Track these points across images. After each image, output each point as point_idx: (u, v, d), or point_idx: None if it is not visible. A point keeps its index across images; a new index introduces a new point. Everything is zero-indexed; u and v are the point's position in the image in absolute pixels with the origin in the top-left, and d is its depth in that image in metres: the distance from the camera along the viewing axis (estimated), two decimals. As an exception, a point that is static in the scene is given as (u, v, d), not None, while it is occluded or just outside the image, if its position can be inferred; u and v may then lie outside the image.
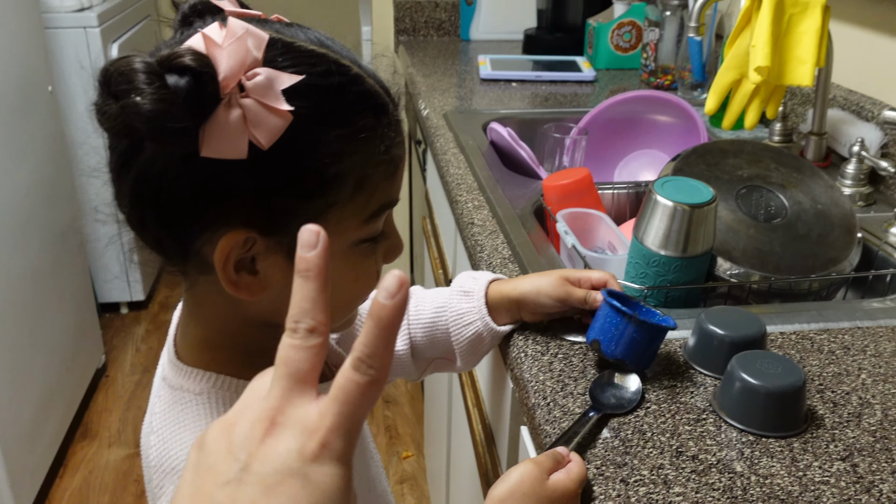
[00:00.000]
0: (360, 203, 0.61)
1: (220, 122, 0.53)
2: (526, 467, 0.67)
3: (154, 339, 2.89)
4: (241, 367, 0.66)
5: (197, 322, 0.67)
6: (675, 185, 0.96)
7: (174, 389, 0.65)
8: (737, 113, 1.30)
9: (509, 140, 1.43)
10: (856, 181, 1.23)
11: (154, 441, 0.63)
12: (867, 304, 0.94)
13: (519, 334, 0.88)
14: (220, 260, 0.58)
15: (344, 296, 0.67)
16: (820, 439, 0.72)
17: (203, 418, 0.62)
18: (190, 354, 0.67)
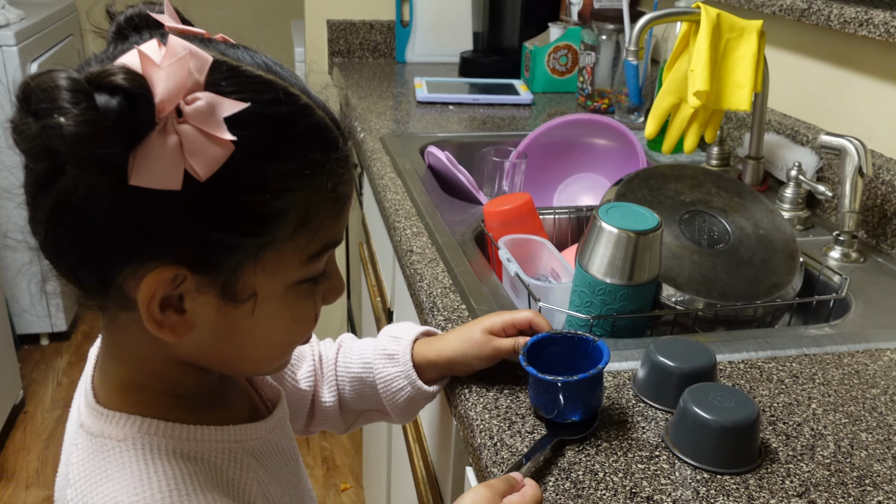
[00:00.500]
0: (301, 242, 0.57)
1: (154, 148, 0.48)
2: (477, 491, 0.64)
3: (77, 372, 2.75)
4: (168, 409, 0.60)
5: (117, 361, 0.61)
6: (620, 211, 0.94)
7: (93, 437, 0.59)
8: (676, 137, 1.29)
9: (448, 164, 1.39)
10: (794, 205, 1.24)
11: (71, 495, 0.57)
12: (813, 330, 0.93)
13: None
14: (145, 298, 0.53)
15: (280, 339, 0.62)
16: (775, 475, 0.69)
17: (128, 467, 0.57)
18: (110, 397, 0.61)
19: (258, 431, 0.66)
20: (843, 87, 1.31)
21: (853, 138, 1.12)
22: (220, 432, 0.62)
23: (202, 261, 0.53)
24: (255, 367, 0.65)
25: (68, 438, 0.63)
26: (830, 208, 1.28)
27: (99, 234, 0.51)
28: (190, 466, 0.58)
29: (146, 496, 0.55)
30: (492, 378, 0.82)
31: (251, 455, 0.64)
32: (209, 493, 0.57)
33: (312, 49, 2.42)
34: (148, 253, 0.52)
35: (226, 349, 0.60)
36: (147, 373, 0.61)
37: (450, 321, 0.94)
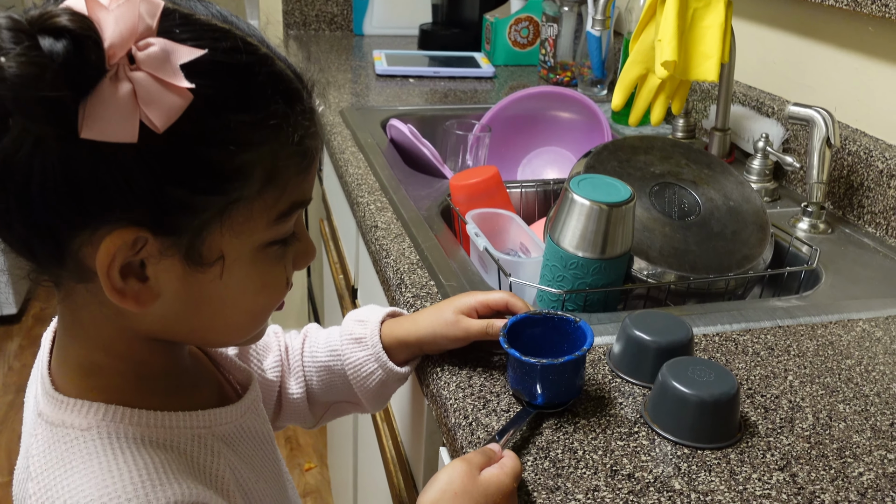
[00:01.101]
0: (269, 200, 0.53)
1: (105, 97, 0.44)
2: (454, 465, 0.62)
3: (28, 356, 2.67)
4: (132, 394, 0.57)
5: (76, 342, 0.57)
6: (592, 182, 0.92)
7: (54, 426, 0.55)
8: (643, 108, 1.28)
9: (411, 138, 1.36)
10: (761, 177, 1.23)
11: (33, 489, 0.53)
12: (785, 301, 0.93)
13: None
14: (104, 264, 0.49)
15: (251, 306, 0.58)
16: (756, 448, 0.68)
17: (94, 457, 0.53)
18: (70, 383, 0.57)
19: (229, 416, 0.63)
20: (809, 58, 1.30)
21: (821, 109, 1.11)
22: (188, 418, 0.59)
23: (164, 222, 0.50)
24: (226, 336, 0.61)
25: (27, 429, 0.59)
26: (797, 179, 1.28)
27: (49, 195, 0.47)
28: (160, 454, 0.55)
29: (116, 488, 0.51)
30: (464, 356, 0.80)
31: (221, 441, 0.61)
32: (182, 481, 0.54)
33: (267, 21, 2.35)
34: (104, 215, 0.48)
35: (194, 318, 0.56)
36: (109, 353, 0.57)
37: (418, 298, 0.92)
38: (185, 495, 0.53)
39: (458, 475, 0.61)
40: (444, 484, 0.60)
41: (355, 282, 1.41)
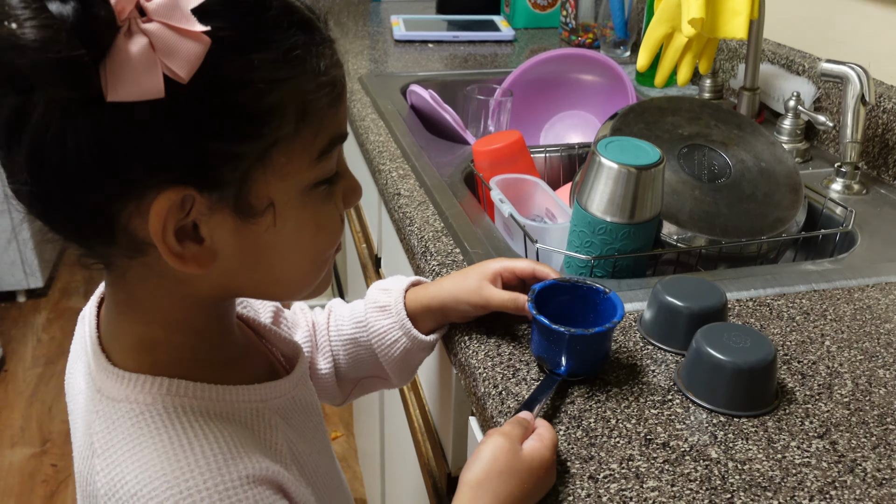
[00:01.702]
0: (307, 138, 0.52)
1: (123, 55, 0.43)
2: (495, 442, 0.60)
3: (56, 329, 2.70)
4: (190, 367, 0.56)
5: (132, 318, 0.56)
6: (620, 145, 0.89)
7: (116, 402, 0.54)
8: (669, 68, 1.24)
9: (432, 103, 1.34)
10: (792, 137, 1.20)
11: (100, 465, 0.53)
12: (820, 265, 0.90)
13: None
14: (157, 231, 0.48)
15: (310, 250, 0.57)
16: (794, 416, 0.67)
17: (161, 433, 0.52)
18: (128, 358, 0.56)
19: (282, 388, 0.62)
20: (840, 13, 1.26)
21: (855, 65, 1.08)
22: (246, 391, 0.58)
23: (206, 176, 0.48)
24: (292, 286, 0.60)
25: (85, 405, 0.58)
26: (829, 139, 1.24)
27: (87, 169, 0.46)
28: (227, 428, 0.54)
29: (189, 461, 0.51)
30: (492, 325, 0.78)
31: (276, 414, 0.60)
32: (252, 454, 0.53)
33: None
34: (146, 180, 0.47)
35: (255, 272, 0.55)
36: (166, 326, 0.56)
37: (444, 265, 0.90)
38: (256, 469, 0.53)
39: (501, 452, 0.60)
40: (488, 462, 0.59)
41: (378, 250, 1.40)
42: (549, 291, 0.73)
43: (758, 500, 0.58)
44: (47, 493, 2.06)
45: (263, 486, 0.53)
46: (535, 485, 0.59)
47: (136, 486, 0.51)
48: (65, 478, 2.10)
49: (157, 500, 0.50)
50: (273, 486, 0.54)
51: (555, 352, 0.70)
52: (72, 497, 2.04)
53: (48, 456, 2.17)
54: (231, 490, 0.51)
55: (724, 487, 0.59)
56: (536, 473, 0.59)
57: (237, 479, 0.51)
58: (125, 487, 0.51)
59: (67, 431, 2.34)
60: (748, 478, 0.60)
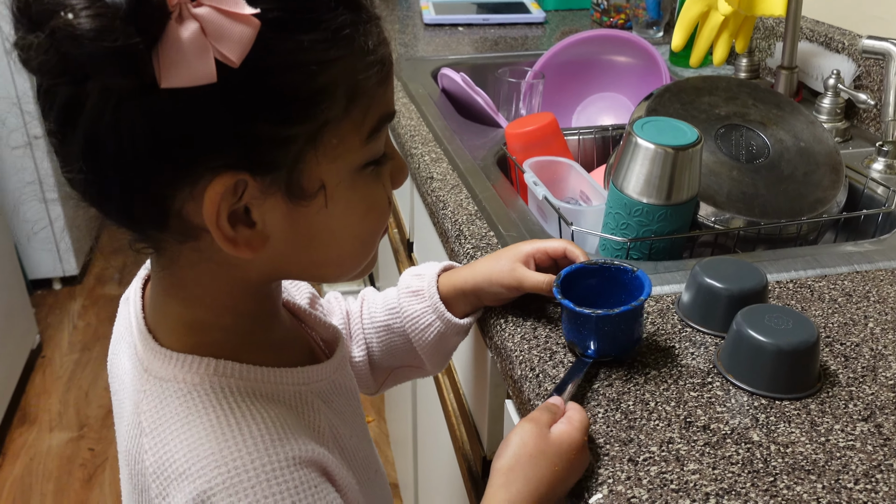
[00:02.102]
0: (356, 118, 0.52)
1: (175, 40, 0.43)
2: (524, 428, 0.60)
3: (91, 315, 2.74)
4: (237, 349, 0.57)
5: (179, 301, 0.57)
6: (656, 126, 0.88)
7: (164, 381, 0.55)
8: (705, 48, 1.23)
9: (464, 86, 1.33)
10: (832, 116, 1.17)
11: (148, 444, 0.53)
12: (861, 246, 0.88)
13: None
14: (212, 215, 0.49)
15: (359, 231, 0.57)
16: (837, 398, 0.66)
17: (209, 412, 0.53)
18: (175, 339, 0.57)
19: (324, 372, 0.62)
20: (882, -12, 1.23)
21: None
22: (290, 374, 0.58)
23: (259, 160, 0.49)
24: (340, 268, 0.59)
25: (132, 385, 0.59)
26: (869, 118, 1.22)
27: (142, 155, 0.46)
28: (273, 410, 0.54)
29: (236, 441, 0.51)
30: (527, 307, 0.78)
31: (319, 397, 0.61)
32: (298, 436, 0.54)
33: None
34: (199, 165, 0.48)
35: (305, 254, 0.55)
36: (214, 309, 0.57)
37: (478, 249, 0.90)
38: (302, 451, 0.53)
39: (529, 437, 0.59)
40: (517, 448, 0.59)
41: (410, 235, 1.40)
42: (576, 275, 0.72)
43: (801, 483, 0.57)
44: (85, 476, 2.09)
45: (309, 468, 0.53)
46: (567, 467, 0.59)
47: (184, 464, 0.51)
48: (102, 461, 2.13)
49: (204, 478, 0.50)
50: (318, 469, 0.54)
51: (583, 335, 0.69)
52: (109, 480, 2.07)
53: (85, 440, 2.21)
54: (278, 471, 0.51)
55: (766, 470, 0.58)
56: (567, 456, 0.59)
57: (284, 460, 0.52)
58: (174, 465, 0.52)
59: (104, 416, 2.38)
60: (791, 461, 0.59)
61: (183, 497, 0.50)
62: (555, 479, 0.58)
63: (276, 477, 0.51)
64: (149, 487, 0.53)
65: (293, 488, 0.51)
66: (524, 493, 0.57)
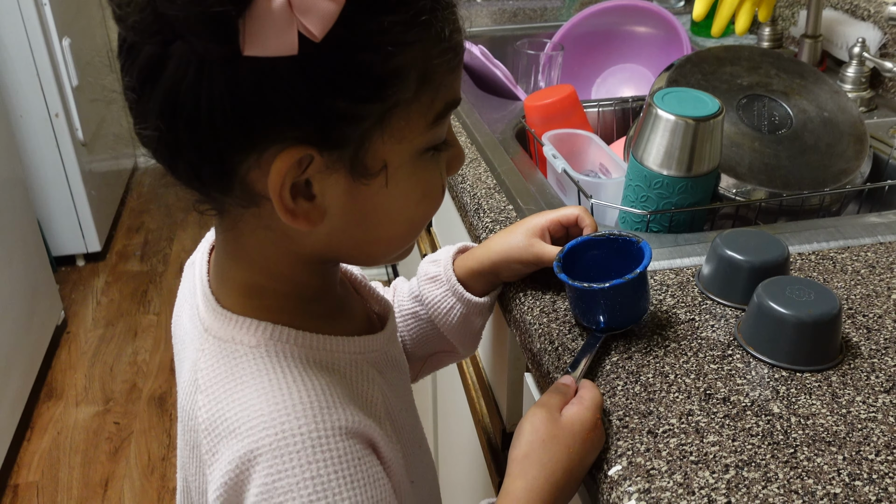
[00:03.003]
0: (425, 102, 0.52)
1: (263, 10, 0.44)
2: (534, 414, 0.60)
3: (115, 291, 2.77)
4: (294, 315, 0.58)
5: (240, 265, 0.58)
6: (677, 96, 0.87)
7: (223, 341, 0.56)
8: (727, 17, 1.21)
9: (482, 59, 1.32)
10: (857, 85, 1.15)
11: (202, 401, 0.55)
12: (885, 217, 0.87)
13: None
14: (276, 186, 0.49)
15: (413, 214, 0.57)
16: (859, 370, 0.65)
17: (263, 374, 0.54)
18: (235, 302, 0.58)
19: (378, 342, 0.63)
20: (909, -46, 1.20)
21: (925, 8, 1.03)
22: (347, 343, 0.59)
23: (329, 136, 0.49)
24: (387, 248, 0.60)
25: (191, 343, 0.60)
26: (895, 87, 1.20)
27: (217, 119, 0.47)
28: (325, 377, 0.55)
29: (287, 405, 0.52)
30: (546, 281, 0.78)
31: (373, 367, 0.61)
32: (347, 406, 0.54)
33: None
34: (270, 135, 0.48)
35: (359, 232, 0.56)
36: (272, 275, 0.57)
37: (497, 223, 0.89)
38: (350, 422, 0.53)
39: (540, 422, 0.60)
40: (530, 434, 0.59)
41: (429, 209, 1.39)
42: (581, 248, 0.71)
43: (822, 454, 0.57)
44: (111, 449, 2.13)
45: (355, 440, 0.53)
46: (582, 448, 0.59)
47: (235, 422, 0.52)
48: (128, 435, 2.17)
49: (252, 437, 0.51)
50: (364, 441, 0.54)
51: (583, 308, 0.69)
52: (135, 453, 2.11)
53: (111, 414, 2.24)
54: (324, 438, 0.52)
55: (786, 442, 0.58)
56: (580, 436, 0.59)
57: (330, 429, 0.52)
58: (225, 423, 0.53)
59: (128, 390, 2.42)
60: (812, 433, 0.59)
61: (230, 454, 0.51)
62: (570, 462, 0.59)
63: (321, 444, 0.51)
64: (200, 443, 0.54)
65: (336, 458, 0.52)
66: (540, 480, 0.58)
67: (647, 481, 0.56)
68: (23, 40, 2.47)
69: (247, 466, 0.51)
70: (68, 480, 2.04)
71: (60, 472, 2.06)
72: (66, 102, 2.62)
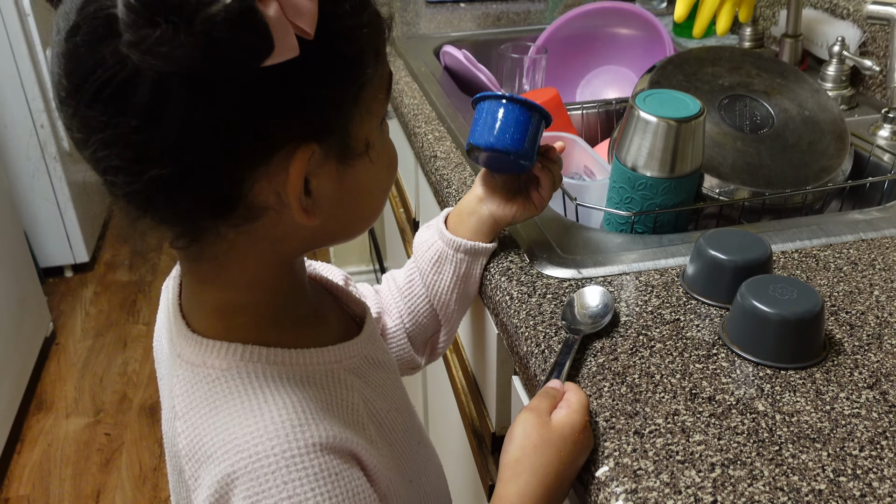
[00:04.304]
0: (379, 76, 0.55)
1: None
2: (524, 419, 0.61)
3: (104, 302, 2.76)
4: (268, 331, 0.58)
5: (215, 287, 0.57)
6: (658, 98, 0.88)
7: (194, 366, 0.56)
8: (708, 18, 1.22)
9: (466, 64, 1.33)
10: (837, 83, 1.16)
11: (181, 427, 0.55)
12: (867, 213, 0.88)
13: (501, 275, 0.80)
14: (297, 187, 0.51)
15: (385, 183, 0.61)
16: (842, 367, 0.66)
17: (235, 397, 0.54)
18: (207, 325, 0.58)
19: (355, 348, 0.63)
20: (887, -48, 1.21)
21: (902, 6, 1.04)
22: (320, 354, 0.59)
23: (322, 127, 0.51)
24: (368, 222, 0.63)
25: (166, 370, 0.61)
26: (875, 85, 1.21)
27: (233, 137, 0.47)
28: (299, 393, 0.55)
29: (259, 427, 0.52)
30: (532, 283, 0.78)
31: (352, 373, 0.61)
32: (322, 421, 0.54)
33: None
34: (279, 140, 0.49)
35: (345, 214, 0.58)
36: (251, 288, 0.57)
37: (483, 227, 0.90)
38: (325, 437, 0.53)
39: (531, 427, 0.60)
40: (521, 439, 0.60)
41: (417, 214, 1.40)
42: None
43: (806, 451, 0.58)
44: (102, 460, 2.12)
45: (332, 455, 0.53)
46: (573, 450, 0.60)
47: (211, 447, 0.52)
48: (118, 446, 2.16)
49: (228, 461, 0.51)
50: (342, 454, 0.54)
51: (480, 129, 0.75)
52: (126, 464, 2.10)
53: (101, 425, 2.23)
54: (298, 457, 0.52)
55: (771, 440, 0.59)
56: (570, 439, 0.59)
57: (304, 447, 0.52)
58: (203, 449, 0.53)
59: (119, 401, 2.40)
60: (796, 430, 0.60)
61: (209, 479, 0.52)
62: (562, 466, 0.59)
63: (295, 463, 0.52)
64: (183, 469, 0.55)
65: (312, 475, 0.52)
66: (532, 484, 0.58)
67: (633, 482, 0.56)
68: (6, 51, 2.46)
69: (226, 491, 0.51)
70: (60, 493, 2.03)
71: (52, 485, 2.05)
72: (51, 113, 2.60)
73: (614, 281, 0.78)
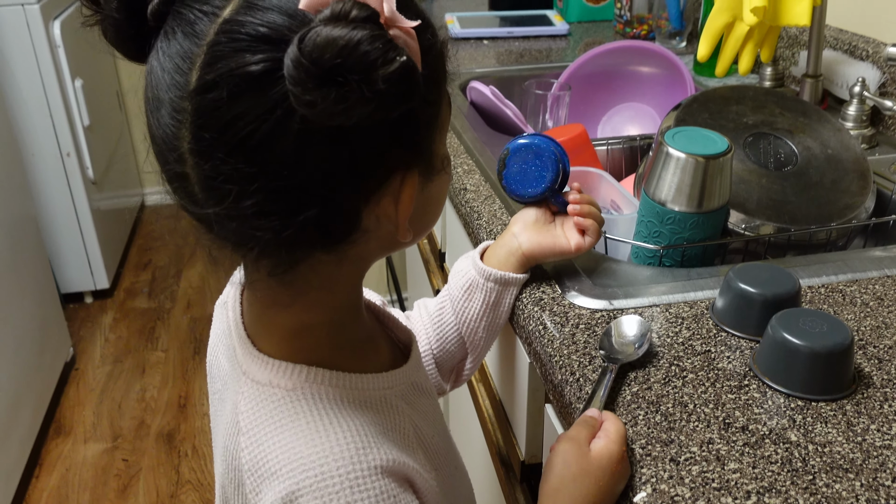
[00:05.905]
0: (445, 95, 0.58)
1: None
2: (564, 448, 0.62)
3: (123, 328, 2.78)
4: (331, 354, 0.60)
5: (293, 311, 0.59)
6: (686, 135, 0.90)
7: (261, 385, 0.58)
8: (730, 58, 1.24)
9: (493, 99, 1.36)
10: (858, 123, 1.19)
11: (245, 443, 0.57)
12: (891, 251, 0.90)
13: (534, 305, 0.82)
14: (408, 211, 0.55)
15: (446, 191, 0.64)
16: (872, 399, 0.67)
17: (300, 417, 0.56)
18: (274, 346, 0.60)
19: (404, 375, 0.65)
20: (906, -4, 1.25)
21: (923, 49, 1.07)
22: (376, 380, 0.61)
23: (419, 148, 0.54)
24: (430, 228, 0.65)
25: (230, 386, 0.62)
26: (895, 125, 1.23)
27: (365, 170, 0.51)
28: (360, 416, 0.57)
29: (325, 447, 0.54)
30: (564, 313, 0.80)
31: (402, 399, 0.63)
32: (382, 444, 0.56)
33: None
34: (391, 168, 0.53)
35: (417, 224, 0.60)
36: (325, 309, 0.60)
37: (514, 258, 0.92)
38: (385, 460, 0.55)
39: (572, 457, 0.62)
40: (561, 468, 0.62)
41: (442, 245, 1.42)
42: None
43: (840, 481, 0.59)
44: (120, 486, 2.13)
45: (391, 478, 0.55)
46: (610, 480, 0.61)
47: (276, 464, 0.54)
48: (136, 472, 2.17)
49: (293, 479, 0.53)
50: (399, 478, 0.56)
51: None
52: (143, 490, 2.11)
53: (119, 451, 2.25)
54: (361, 479, 0.54)
55: (805, 469, 0.60)
56: (609, 469, 0.61)
57: (367, 469, 0.54)
58: (267, 465, 0.55)
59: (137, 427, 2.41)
60: (829, 460, 0.61)
61: (273, 495, 0.53)
62: (600, 495, 0.61)
63: (359, 485, 0.53)
64: (244, 482, 0.56)
65: (374, 497, 0.54)
66: None
67: (671, 507, 0.58)
68: (36, 81, 2.51)
69: None
70: (77, 518, 2.03)
71: (69, 510, 2.05)
72: (77, 141, 2.66)
73: (645, 312, 0.80)
